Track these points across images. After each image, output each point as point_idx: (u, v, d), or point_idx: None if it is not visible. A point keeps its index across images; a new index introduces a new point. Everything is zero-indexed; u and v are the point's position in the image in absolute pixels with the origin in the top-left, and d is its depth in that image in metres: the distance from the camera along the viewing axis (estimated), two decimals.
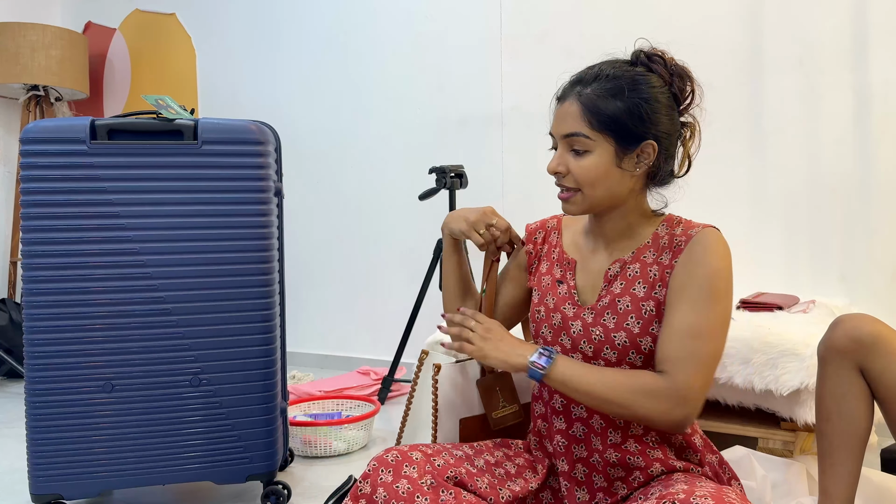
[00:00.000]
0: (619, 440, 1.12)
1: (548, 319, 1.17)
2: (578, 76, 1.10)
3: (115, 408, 1.49)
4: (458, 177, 2.46)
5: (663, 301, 1.08)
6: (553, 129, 1.11)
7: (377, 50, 3.10)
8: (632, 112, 1.06)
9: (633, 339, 1.08)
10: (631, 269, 1.12)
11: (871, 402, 1.15)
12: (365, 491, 1.05)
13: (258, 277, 1.55)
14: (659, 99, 1.08)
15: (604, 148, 1.06)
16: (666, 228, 1.13)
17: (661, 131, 1.08)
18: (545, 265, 1.23)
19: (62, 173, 1.46)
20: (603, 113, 1.05)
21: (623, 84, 1.06)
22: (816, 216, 2.25)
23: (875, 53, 2.15)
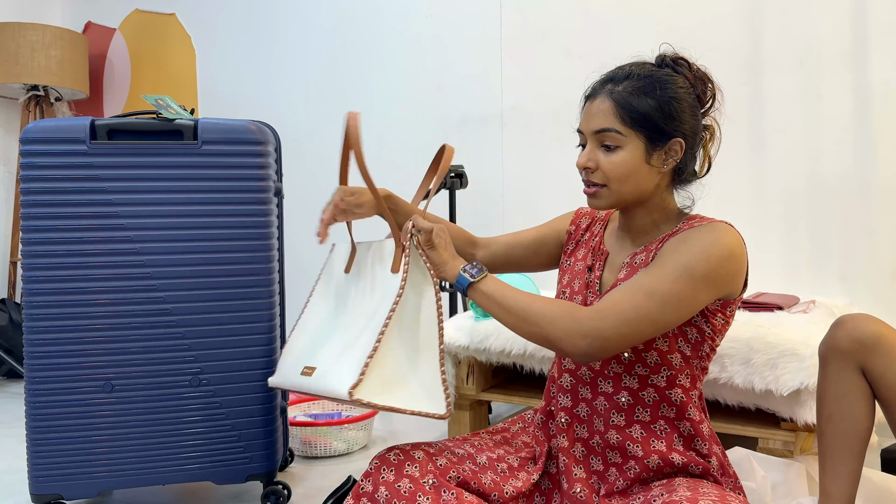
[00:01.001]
0: (623, 423, 1.14)
1: (569, 299, 1.22)
2: (609, 75, 1.13)
3: (115, 408, 1.49)
4: (458, 177, 2.46)
5: None
6: (583, 125, 1.13)
7: (377, 50, 3.10)
8: (662, 109, 1.08)
9: None
10: (638, 258, 1.15)
11: (872, 402, 1.15)
12: (367, 489, 1.05)
13: (258, 277, 1.55)
14: (686, 99, 1.12)
15: (635, 144, 1.09)
16: (686, 224, 1.15)
17: (688, 130, 1.12)
18: (582, 251, 1.26)
19: (62, 173, 1.46)
20: (635, 109, 1.08)
21: (654, 83, 1.10)
22: (816, 216, 2.25)
23: (875, 53, 2.15)
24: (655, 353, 1.12)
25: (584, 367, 1.18)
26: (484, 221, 2.85)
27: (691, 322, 1.12)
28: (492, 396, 1.96)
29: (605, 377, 1.16)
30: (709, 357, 1.17)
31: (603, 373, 1.16)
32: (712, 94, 1.17)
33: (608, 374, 1.16)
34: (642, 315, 1.02)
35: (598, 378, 1.17)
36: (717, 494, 0.96)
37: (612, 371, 1.15)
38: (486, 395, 1.97)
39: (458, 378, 1.96)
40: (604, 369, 1.16)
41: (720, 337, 1.16)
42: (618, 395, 1.14)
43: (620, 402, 1.14)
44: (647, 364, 1.12)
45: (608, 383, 1.16)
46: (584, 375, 1.19)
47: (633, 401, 1.14)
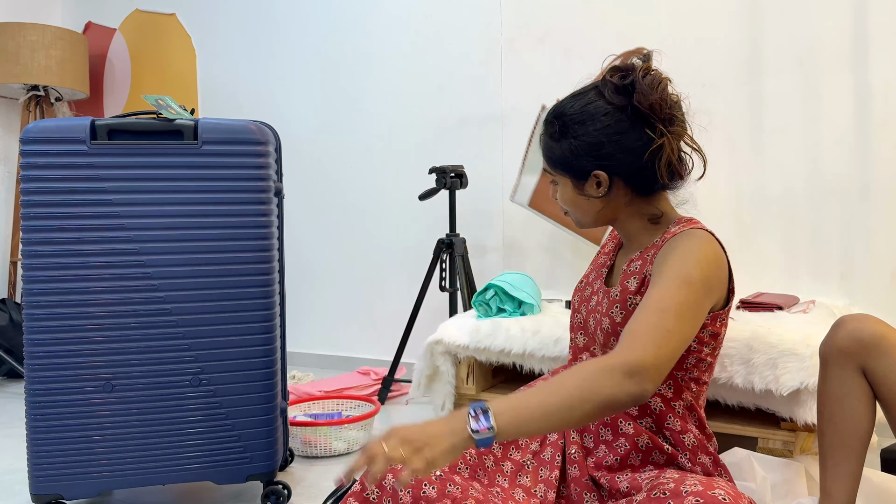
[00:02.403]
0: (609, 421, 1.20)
1: (581, 291, 1.31)
2: (548, 116, 1.22)
3: (115, 408, 1.49)
4: (458, 177, 2.46)
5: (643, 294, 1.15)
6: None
7: (377, 50, 3.10)
8: (574, 152, 1.17)
9: (615, 328, 1.17)
10: (633, 265, 1.19)
11: (873, 402, 1.15)
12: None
13: (258, 277, 1.55)
14: (604, 130, 1.13)
15: (564, 181, 1.21)
16: (677, 228, 1.17)
17: (611, 160, 1.15)
18: (609, 246, 1.36)
19: (62, 173, 1.46)
20: (552, 156, 1.20)
21: (568, 126, 1.17)
22: (816, 216, 2.25)
23: (875, 53, 2.15)
24: None
25: (586, 353, 1.26)
26: (484, 222, 2.86)
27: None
28: (492, 396, 1.96)
29: None
30: (698, 367, 1.16)
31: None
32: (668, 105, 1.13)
33: None
34: (666, 331, 0.97)
35: None
36: (705, 478, 0.97)
37: None
38: (486, 395, 1.97)
39: (458, 378, 1.96)
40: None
41: (709, 347, 1.16)
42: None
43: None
44: None
45: None
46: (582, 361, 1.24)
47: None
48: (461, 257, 2.47)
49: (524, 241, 2.78)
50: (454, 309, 2.50)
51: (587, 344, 1.27)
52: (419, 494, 1.03)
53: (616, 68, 1.17)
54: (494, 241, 2.84)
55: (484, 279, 2.88)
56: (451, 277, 2.48)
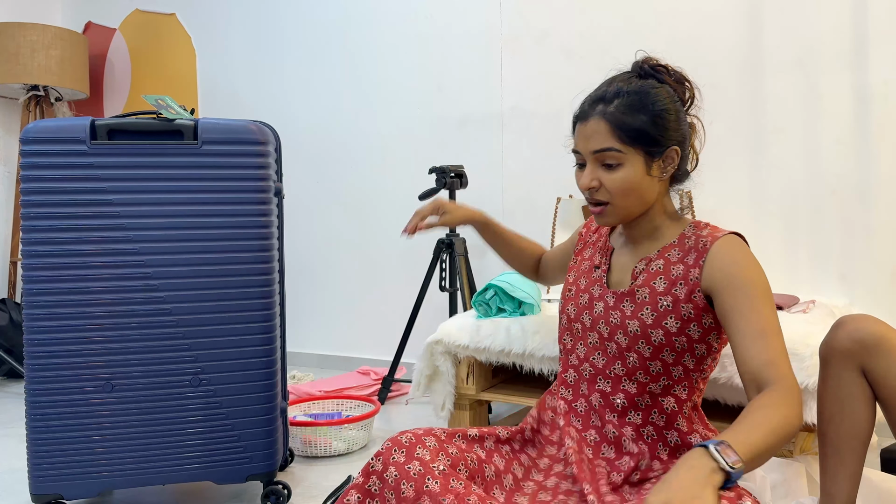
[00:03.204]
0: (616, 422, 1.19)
1: (576, 298, 1.25)
2: (598, 94, 1.15)
3: (115, 408, 1.49)
4: (458, 177, 2.46)
5: (684, 299, 1.13)
6: (580, 146, 1.16)
7: (377, 50, 3.10)
8: (655, 123, 1.12)
9: (645, 330, 1.13)
10: (654, 264, 1.18)
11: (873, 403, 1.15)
12: (376, 468, 1.07)
13: (258, 277, 1.55)
14: (673, 107, 1.15)
15: (634, 159, 1.13)
16: (693, 230, 1.18)
17: (680, 136, 1.16)
18: (589, 251, 1.32)
19: (62, 173, 1.46)
20: (630, 127, 1.11)
21: (642, 97, 1.13)
22: (816, 216, 2.25)
23: (875, 53, 2.15)
24: (659, 364, 1.15)
25: (587, 364, 1.22)
26: None
27: (703, 338, 1.14)
28: (492, 396, 1.96)
29: (605, 376, 1.19)
30: (710, 368, 1.19)
31: (604, 371, 1.19)
32: (691, 94, 1.21)
33: (609, 374, 1.18)
34: (784, 352, 1.03)
35: (597, 376, 1.20)
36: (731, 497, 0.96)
37: (613, 372, 1.18)
38: (486, 394, 1.97)
39: (458, 378, 1.96)
40: (606, 368, 1.19)
41: (721, 350, 1.21)
42: (614, 395, 1.18)
43: (615, 402, 1.17)
44: (650, 372, 1.15)
45: (607, 383, 1.19)
46: (584, 371, 1.22)
47: (627, 403, 1.17)
48: (461, 257, 2.48)
49: None
50: (454, 309, 2.50)
51: (587, 354, 1.22)
52: (422, 489, 1.02)
53: (647, 62, 1.19)
54: None
55: (484, 279, 2.88)
56: (451, 277, 2.48)
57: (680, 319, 1.13)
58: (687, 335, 1.13)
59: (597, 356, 1.21)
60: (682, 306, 1.13)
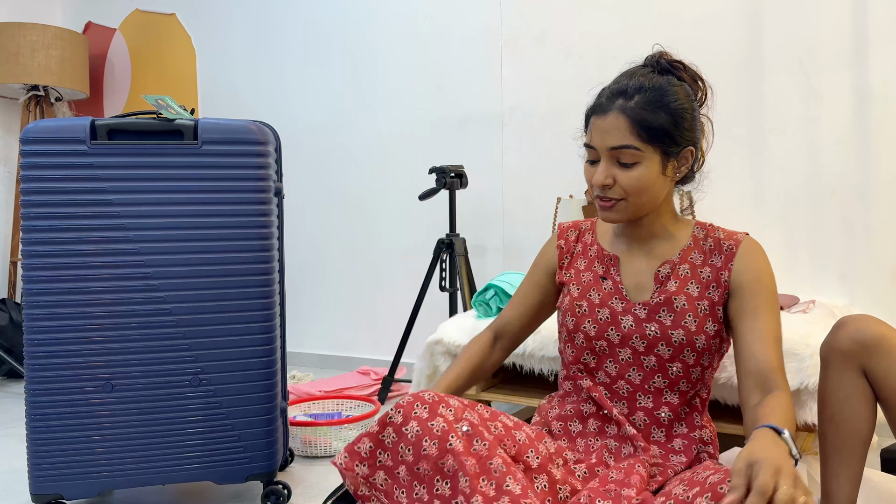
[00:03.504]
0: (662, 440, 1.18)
1: (592, 314, 1.19)
2: (618, 87, 1.11)
3: (115, 408, 1.49)
4: (458, 177, 2.46)
5: (718, 301, 1.14)
6: (596, 141, 1.11)
7: (377, 49, 3.10)
8: (676, 122, 1.09)
9: (690, 337, 1.13)
10: (681, 269, 1.16)
11: (874, 404, 1.15)
12: (396, 420, 1.02)
13: (258, 277, 1.55)
14: (691, 106, 1.13)
15: (652, 158, 1.09)
16: (703, 232, 1.18)
17: (695, 136, 1.14)
18: (582, 262, 1.25)
19: (62, 173, 1.46)
20: (651, 125, 1.08)
21: (663, 94, 1.10)
22: (816, 216, 2.25)
23: (875, 53, 2.15)
24: (699, 369, 1.16)
25: (622, 381, 1.18)
26: (484, 222, 2.86)
27: (721, 334, 1.17)
28: (492, 396, 1.95)
29: (645, 392, 1.18)
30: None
31: (643, 387, 1.18)
32: (704, 93, 1.19)
33: (649, 388, 1.17)
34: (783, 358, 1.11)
35: (636, 392, 1.18)
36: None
37: (654, 386, 1.17)
38: (486, 395, 1.97)
39: None
40: (645, 383, 1.17)
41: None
42: (658, 410, 1.17)
43: (661, 417, 1.17)
44: (691, 380, 1.17)
45: (648, 398, 1.18)
46: (621, 390, 1.18)
47: (672, 416, 1.17)
48: (461, 257, 2.48)
49: (524, 241, 2.78)
50: (454, 309, 2.50)
51: (620, 371, 1.17)
52: (446, 447, 0.98)
53: (662, 58, 1.16)
54: (494, 241, 2.84)
55: (484, 279, 2.88)
56: (451, 277, 2.48)
57: (717, 322, 1.15)
58: (719, 335, 1.16)
59: (632, 372, 1.17)
60: (717, 309, 1.14)
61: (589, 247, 1.26)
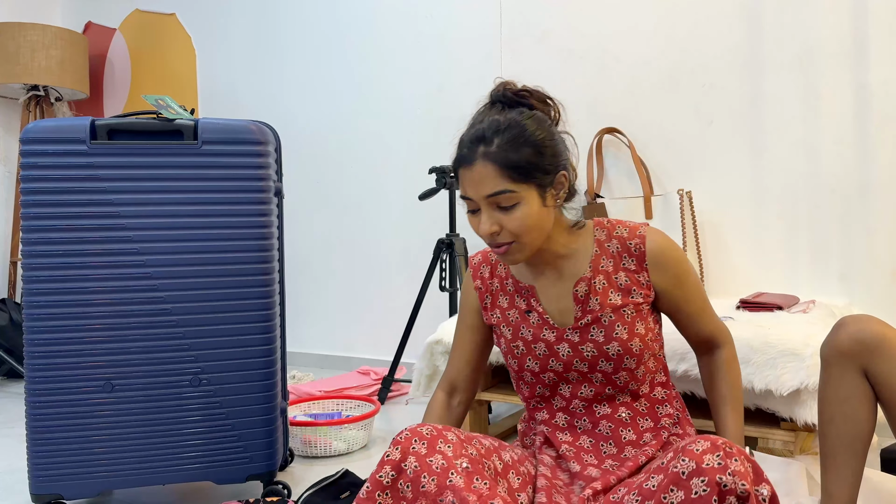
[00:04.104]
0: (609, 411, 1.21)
1: (530, 352, 1.20)
2: (476, 135, 1.09)
3: (115, 408, 1.49)
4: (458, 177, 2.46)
5: (643, 301, 1.18)
6: (471, 193, 1.10)
7: (377, 49, 3.10)
8: (541, 153, 1.09)
9: (625, 345, 1.15)
10: (597, 282, 1.17)
11: (874, 404, 1.15)
12: (394, 457, 1.01)
13: (258, 277, 1.55)
14: (549, 130, 1.12)
15: (529, 195, 1.09)
16: (604, 233, 1.20)
17: (563, 159, 1.14)
18: (504, 299, 1.25)
19: (62, 173, 1.46)
20: (519, 164, 1.07)
21: (521, 129, 1.09)
22: (816, 216, 2.25)
23: (875, 53, 2.15)
24: (643, 367, 1.19)
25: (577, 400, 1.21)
26: None
27: (653, 316, 1.22)
28: (492, 396, 1.95)
29: (599, 401, 1.21)
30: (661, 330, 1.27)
31: (597, 398, 1.21)
32: (556, 112, 1.18)
33: (602, 397, 1.21)
34: (711, 306, 1.26)
35: (593, 403, 1.21)
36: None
37: (606, 394, 1.20)
38: (486, 395, 1.97)
39: None
40: (598, 394, 1.20)
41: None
42: (617, 412, 1.20)
43: (622, 417, 1.20)
44: (637, 378, 1.20)
45: (605, 406, 1.21)
46: (576, 408, 1.22)
47: (632, 412, 1.20)
48: (461, 257, 2.48)
49: None
50: (454, 309, 2.50)
51: (573, 392, 1.20)
52: (445, 483, 0.97)
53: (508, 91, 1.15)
54: None
55: None
56: (451, 277, 2.48)
57: (645, 319, 1.18)
58: (651, 330, 1.19)
59: (584, 389, 1.20)
60: (643, 307, 1.18)
61: (504, 281, 1.25)
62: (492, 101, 1.15)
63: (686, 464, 0.91)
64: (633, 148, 2.42)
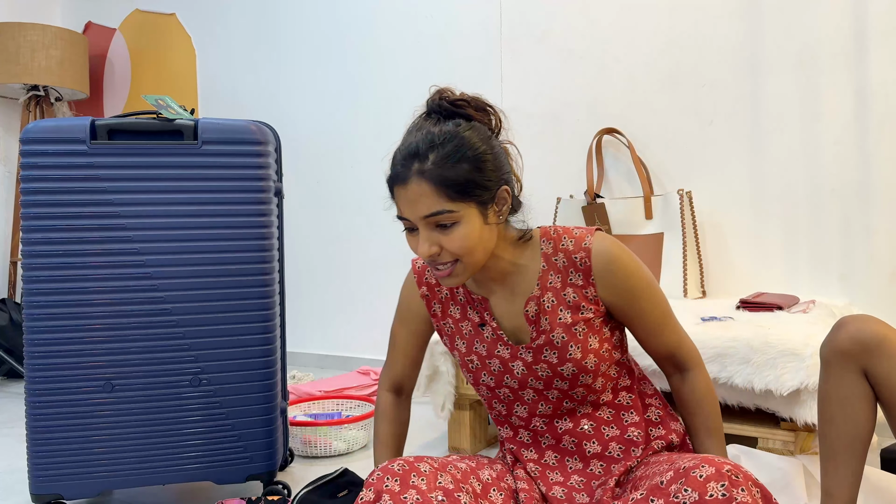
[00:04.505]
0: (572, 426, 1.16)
1: (485, 367, 1.16)
2: (410, 151, 1.02)
3: (115, 408, 1.49)
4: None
5: (595, 315, 1.12)
6: (407, 213, 1.03)
7: (377, 49, 3.10)
8: (480, 169, 1.02)
9: (580, 364, 1.10)
10: (546, 301, 1.12)
11: (874, 404, 1.15)
12: (367, 498, 0.99)
13: (258, 277, 1.55)
14: (488, 143, 1.05)
15: (469, 213, 1.02)
16: (550, 245, 1.12)
17: (505, 173, 1.07)
18: (455, 309, 1.20)
19: (62, 173, 1.46)
20: (456, 182, 1.00)
21: (457, 144, 1.01)
22: (816, 216, 2.25)
23: (875, 53, 2.15)
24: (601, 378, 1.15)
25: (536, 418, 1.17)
26: None
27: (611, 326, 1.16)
28: None
29: (559, 416, 1.17)
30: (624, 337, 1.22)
31: (557, 412, 1.16)
32: (497, 120, 1.11)
33: (562, 411, 1.16)
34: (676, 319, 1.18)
35: (553, 419, 1.17)
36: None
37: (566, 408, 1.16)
38: None
39: (458, 378, 1.96)
40: (557, 409, 1.16)
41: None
42: (579, 426, 1.16)
43: (585, 429, 1.15)
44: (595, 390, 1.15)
45: (566, 420, 1.16)
46: (538, 425, 1.18)
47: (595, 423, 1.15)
48: None
49: None
50: None
51: (532, 409, 1.17)
52: None
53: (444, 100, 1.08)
54: None
55: None
56: None
57: (598, 332, 1.12)
58: (607, 340, 1.14)
59: (542, 406, 1.16)
60: (594, 322, 1.12)
61: (455, 289, 1.19)
62: (427, 112, 1.09)
63: (688, 494, 0.88)
64: (633, 148, 2.42)
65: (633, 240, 2.32)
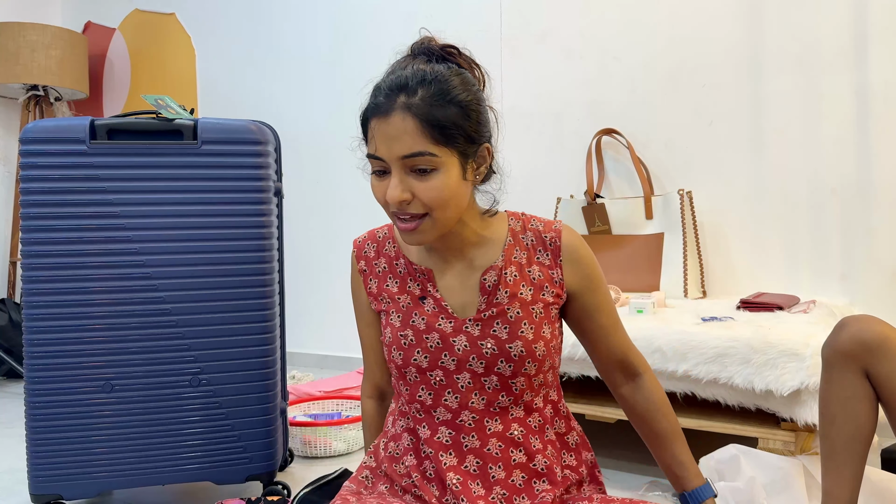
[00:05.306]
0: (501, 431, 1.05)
1: (420, 342, 1.03)
2: (398, 82, 0.94)
3: (115, 408, 1.49)
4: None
5: (553, 301, 1.05)
6: (383, 151, 0.94)
7: (377, 49, 3.09)
8: (468, 116, 0.94)
9: (529, 347, 1.01)
10: (508, 273, 1.03)
11: (875, 405, 1.15)
12: None
13: (258, 277, 1.55)
14: (478, 96, 0.98)
15: (450, 163, 0.93)
16: (519, 223, 1.07)
17: (488, 131, 1.00)
18: (393, 283, 1.09)
19: (62, 173, 1.46)
20: (443, 124, 0.91)
21: (448, 85, 0.93)
22: (816, 216, 2.25)
23: (875, 53, 2.15)
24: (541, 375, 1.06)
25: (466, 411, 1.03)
26: None
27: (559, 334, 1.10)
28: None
29: (491, 415, 1.04)
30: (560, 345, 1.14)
31: (489, 410, 1.04)
32: (483, 81, 1.03)
33: (494, 410, 1.04)
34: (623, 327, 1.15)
35: (484, 419, 1.04)
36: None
37: (499, 406, 1.04)
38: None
39: None
40: (490, 406, 1.04)
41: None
42: (510, 430, 1.04)
43: (515, 437, 1.04)
44: (534, 387, 1.05)
45: (497, 421, 1.04)
46: (465, 421, 1.04)
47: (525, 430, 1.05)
48: None
49: None
50: None
51: (462, 401, 1.03)
52: None
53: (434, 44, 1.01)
54: None
55: None
56: None
57: (552, 324, 1.05)
58: (556, 337, 1.07)
59: (475, 398, 1.03)
60: (551, 309, 1.04)
61: (394, 261, 1.09)
62: (413, 54, 1.00)
63: None
64: (633, 148, 2.42)
65: (633, 240, 2.31)
